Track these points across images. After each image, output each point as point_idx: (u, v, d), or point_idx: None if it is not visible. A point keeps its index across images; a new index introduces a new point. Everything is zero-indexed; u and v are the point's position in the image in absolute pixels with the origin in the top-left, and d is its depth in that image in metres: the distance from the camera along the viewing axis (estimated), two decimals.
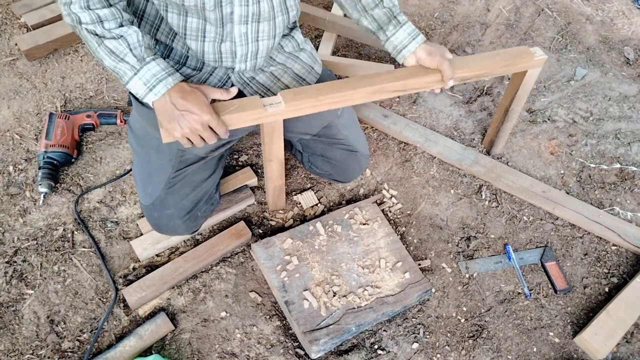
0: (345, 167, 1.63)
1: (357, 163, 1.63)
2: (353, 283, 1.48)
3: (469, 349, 1.45)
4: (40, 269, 1.51)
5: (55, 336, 1.40)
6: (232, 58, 1.26)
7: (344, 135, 1.57)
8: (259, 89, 1.37)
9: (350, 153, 1.60)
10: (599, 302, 1.55)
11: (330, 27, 2.16)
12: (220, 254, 1.53)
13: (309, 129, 1.53)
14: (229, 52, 1.25)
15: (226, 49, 1.24)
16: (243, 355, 1.39)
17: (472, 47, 2.24)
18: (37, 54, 1.99)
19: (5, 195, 1.64)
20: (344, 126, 1.57)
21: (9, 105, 1.87)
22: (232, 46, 1.24)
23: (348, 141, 1.58)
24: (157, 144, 1.34)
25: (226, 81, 1.34)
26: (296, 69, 1.42)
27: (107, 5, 1.10)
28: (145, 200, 1.44)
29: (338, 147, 1.58)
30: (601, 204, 1.77)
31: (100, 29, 1.09)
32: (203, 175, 1.44)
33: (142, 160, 1.42)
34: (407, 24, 1.35)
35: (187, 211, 1.44)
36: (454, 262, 1.61)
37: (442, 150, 1.84)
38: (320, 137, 1.55)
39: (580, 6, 2.45)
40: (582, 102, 2.07)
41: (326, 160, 1.61)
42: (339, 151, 1.59)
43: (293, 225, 1.64)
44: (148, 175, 1.42)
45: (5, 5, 2.16)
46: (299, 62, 1.43)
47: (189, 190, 1.42)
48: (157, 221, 1.46)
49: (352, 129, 1.61)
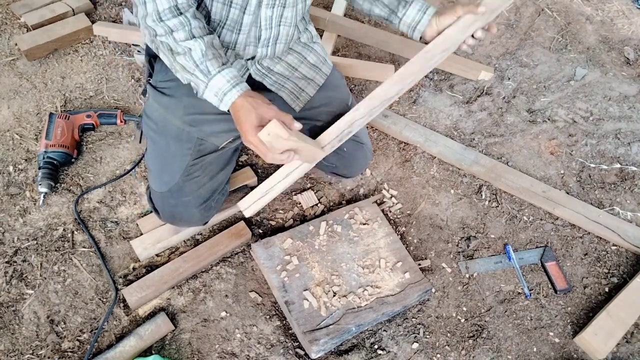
0: (353, 159, 1.64)
1: (364, 155, 1.64)
2: (353, 283, 1.48)
3: (469, 349, 1.45)
4: (40, 269, 1.51)
5: (55, 336, 1.40)
6: (256, 42, 1.33)
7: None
8: (277, 79, 1.41)
9: (358, 145, 1.61)
10: (599, 302, 1.55)
11: (330, 27, 2.16)
12: (220, 254, 1.54)
13: (320, 117, 1.53)
14: (254, 37, 1.31)
15: (251, 35, 1.31)
16: (243, 355, 1.39)
17: (471, 47, 2.23)
18: (37, 54, 1.99)
19: (5, 195, 1.64)
20: None
21: (9, 105, 1.87)
22: (256, 31, 1.30)
23: (357, 133, 1.60)
24: (176, 132, 1.38)
25: (245, 73, 1.37)
26: (312, 59, 1.46)
27: (177, 14, 1.16)
28: (161, 187, 1.44)
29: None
30: (601, 204, 1.77)
31: (172, 41, 1.16)
32: (219, 166, 1.46)
33: (159, 148, 1.43)
34: (415, 1, 1.35)
35: (203, 200, 1.46)
36: (454, 262, 1.61)
37: (442, 150, 1.84)
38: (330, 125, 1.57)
39: (580, 6, 2.45)
40: (582, 102, 2.07)
41: (334, 152, 1.62)
42: (348, 142, 1.60)
43: (293, 225, 1.64)
44: (165, 164, 1.43)
45: (5, 5, 2.16)
46: (314, 53, 1.47)
47: (206, 179, 1.44)
48: (173, 209, 1.46)
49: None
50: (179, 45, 1.16)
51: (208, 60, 1.16)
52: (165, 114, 1.39)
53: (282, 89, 1.43)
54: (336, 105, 1.52)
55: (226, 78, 1.16)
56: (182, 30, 1.16)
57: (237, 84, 1.17)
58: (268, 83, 1.40)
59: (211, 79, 1.16)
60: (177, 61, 1.18)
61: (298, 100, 1.46)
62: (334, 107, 1.53)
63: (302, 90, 1.46)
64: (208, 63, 1.16)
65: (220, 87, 1.16)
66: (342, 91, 1.58)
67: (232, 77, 1.17)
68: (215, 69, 1.16)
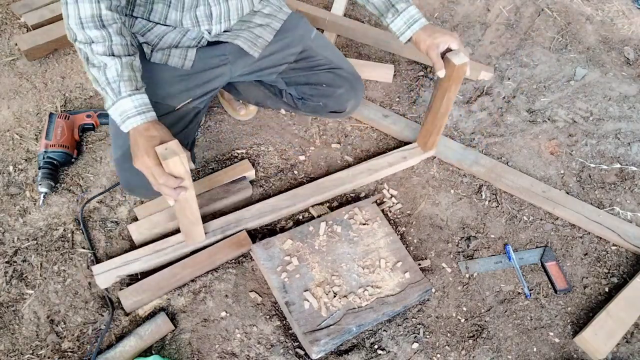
0: (336, 89, 1.63)
1: (346, 82, 1.63)
2: (353, 283, 1.48)
3: (469, 349, 1.45)
4: (40, 269, 1.51)
5: (55, 336, 1.40)
6: (209, 20, 1.36)
7: (323, 56, 1.61)
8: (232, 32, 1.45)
9: (334, 72, 1.61)
10: (599, 302, 1.56)
11: (330, 27, 2.16)
12: (219, 262, 1.52)
13: (284, 59, 1.58)
14: (204, 15, 1.35)
15: (201, 13, 1.34)
16: (243, 355, 1.39)
17: (472, 47, 2.24)
18: (37, 54, 1.99)
19: (5, 195, 1.64)
20: (322, 48, 1.62)
21: (9, 105, 1.87)
22: (206, 9, 1.33)
23: (329, 60, 1.61)
24: None
25: (200, 40, 1.41)
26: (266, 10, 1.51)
27: (99, 26, 1.15)
28: (116, 153, 1.42)
29: (321, 70, 1.61)
30: (601, 204, 1.77)
31: (90, 51, 1.15)
32: (175, 129, 1.43)
33: None
34: (404, 12, 1.42)
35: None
36: (454, 262, 1.61)
37: (442, 150, 1.84)
38: (298, 63, 1.59)
39: (580, 6, 2.45)
40: (582, 102, 2.07)
41: (314, 88, 1.63)
42: (322, 73, 1.61)
43: (293, 226, 1.64)
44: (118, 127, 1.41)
45: (5, 5, 2.16)
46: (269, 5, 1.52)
47: None
48: (128, 174, 1.40)
49: (332, 50, 1.66)
50: (95, 57, 1.15)
51: (122, 81, 1.16)
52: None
53: (237, 38, 1.45)
54: (297, 43, 1.56)
55: (134, 104, 1.16)
56: (102, 44, 1.15)
57: (144, 112, 1.18)
58: (223, 38, 1.43)
59: (119, 99, 1.16)
60: (90, 71, 1.18)
61: (255, 46, 1.49)
62: (296, 46, 1.57)
63: (258, 36, 1.49)
64: (121, 83, 1.16)
65: (125, 110, 1.16)
66: (302, 28, 1.60)
67: (141, 104, 1.17)
68: (126, 91, 1.16)
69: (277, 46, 1.54)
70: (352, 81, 1.65)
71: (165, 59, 1.41)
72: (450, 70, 1.44)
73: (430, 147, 1.78)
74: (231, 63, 1.51)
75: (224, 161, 1.77)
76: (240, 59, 1.51)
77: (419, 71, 2.11)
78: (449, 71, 1.45)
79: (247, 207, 1.62)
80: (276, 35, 1.54)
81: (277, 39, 1.54)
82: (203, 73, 1.47)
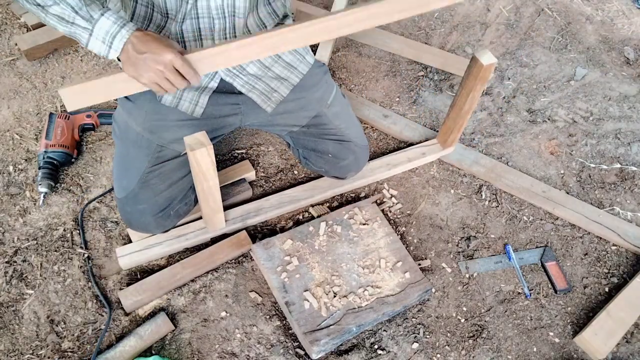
0: (339, 160, 1.58)
1: (352, 154, 1.58)
2: (353, 283, 1.48)
3: (469, 349, 1.45)
4: (40, 269, 1.51)
5: (55, 336, 1.40)
6: (212, 34, 1.23)
7: (335, 126, 1.52)
8: (249, 80, 1.35)
9: (342, 144, 1.55)
10: (599, 302, 1.56)
11: None
12: (219, 262, 1.53)
13: (296, 121, 1.50)
14: (207, 27, 1.22)
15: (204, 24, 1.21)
16: (243, 355, 1.39)
17: (472, 47, 2.24)
18: (37, 54, 1.99)
19: (5, 195, 1.64)
20: (336, 116, 1.53)
21: (9, 105, 1.87)
22: (210, 21, 1.21)
23: (340, 131, 1.53)
24: (135, 137, 1.36)
25: (214, 75, 1.32)
26: (288, 57, 1.39)
27: None
28: (120, 193, 1.43)
29: (329, 139, 1.54)
30: (601, 204, 1.77)
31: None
32: (180, 173, 1.43)
33: (120, 153, 1.42)
34: None
35: (160, 209, 1.43)
36: (454, 262, 1.61)
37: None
38: (309, 129, 1.52)
39: (580, 6, 2.45)
40: (582, 102, 2.07)
41: (319, 155, 1.57)
42: (331, 143, 1.54)
43: (293, 226, 1.64)
44: (124, 169, 1.41)
45: (5, 5, 2.16)
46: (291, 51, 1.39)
47: (163, 187, 1.40)
48: (129, 216, 1.44)
49: (345, 118, 1.56)
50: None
51: (87, 5, 1.06)
52: (128, 118, 1.37)
53: (252, 90, 1.37)
54: (313, 107, 1.48)
55: (111, 20, 1.05)
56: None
57: (125, 24, 1.06)
58: (239, 84, 1.35)
59: (95, 24, 1.05)
60: (50, 13, 1.05)
61: (270, 101, 1.41)
62: (311, 110, 1.48)
63: (274, 90, 1.40)
64: (87, 8, 1.05)
65: (107, 30, 1.05)
66: (322, 88, 1.49)
67: (117, 18, 1.06)
68: (97, 13, 1.05)
69: (292, 105, 1.46)
70: (358, 153, 1.60)
71: (176, 102, 1.34)
72: (478, 70, 1.44)
73: (450, 144, 1.78)
74: (243, 114, 1.45)
75: (224, 161, 1.77)
76: (252, 110, 1.44)
77: (419, 71, 2.11)
78: (476, 70, 1.44)
79: (266, 197, 1.63)
80: (293, 92, 1.44)
81: (293, 96, 1.44)
82: (213, 120, 1.41)
